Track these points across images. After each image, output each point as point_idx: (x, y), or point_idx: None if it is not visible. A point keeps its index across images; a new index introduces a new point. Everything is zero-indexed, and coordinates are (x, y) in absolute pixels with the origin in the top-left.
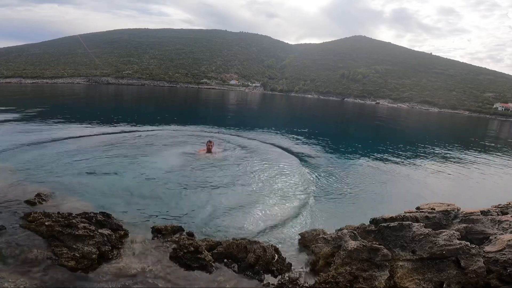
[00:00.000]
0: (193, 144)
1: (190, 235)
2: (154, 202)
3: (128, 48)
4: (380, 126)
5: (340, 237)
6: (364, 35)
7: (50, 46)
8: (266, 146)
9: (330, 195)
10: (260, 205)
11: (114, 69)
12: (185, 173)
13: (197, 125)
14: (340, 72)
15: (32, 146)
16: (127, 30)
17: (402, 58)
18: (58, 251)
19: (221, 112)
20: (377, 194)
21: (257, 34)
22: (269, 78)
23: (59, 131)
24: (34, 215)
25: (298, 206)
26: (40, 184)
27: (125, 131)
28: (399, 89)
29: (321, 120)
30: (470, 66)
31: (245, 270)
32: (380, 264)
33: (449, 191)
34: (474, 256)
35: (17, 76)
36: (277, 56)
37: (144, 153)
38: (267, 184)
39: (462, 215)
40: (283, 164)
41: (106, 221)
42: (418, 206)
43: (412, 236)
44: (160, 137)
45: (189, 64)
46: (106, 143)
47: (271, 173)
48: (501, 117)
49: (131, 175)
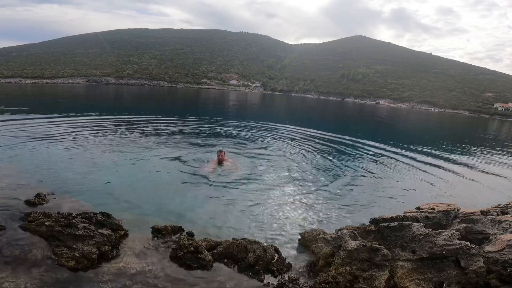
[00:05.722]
0: (196, 144)
1: (190, 235)
2: (154, 202)
3: (128, 48)
4: (380, 126)
5: (340, 237)
6: (364, 35)
7: (50, 46)
8: (267, 148)
9: (330, 195)
10: (260, 205)
11: (114, 69)
12: (185, 174)
13: (196, 126)
14: (340, 72)
15: (32, 146)
16: (127, 30)
17: (402, 58)
18: (58, 251)
19: (222, 112)
20: (377, 194)
21: (257, 34)
22: (269, 78)
23: (59, 131)
24: (34, 215)
25: (298, 206)
26: (40, 184)
27: (125, 131)
28: (399, 89)
29: (321, 120)
30: (470, 66)
31: (245, 270)
32: (380, 264)
33: (449, 191)
34: (474, 256)
35: (17, 76)
36: (277, 56)
37: (145, 154)
38: (267, 184)
39: (462, 215)
40: (283, 164)
41: (106, 221)
42: (418, 206)
43: (412, 236)
44: (161, 137)
45: (189, 64)
46: (107, 143)
47: (271, 173)
48: (501, 117)
49: (131, 175)
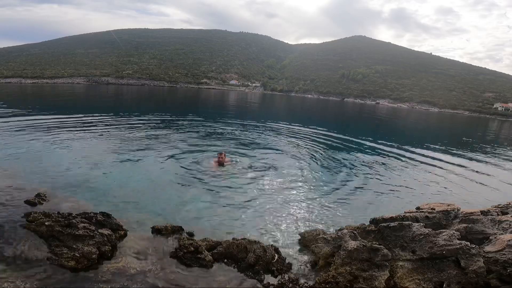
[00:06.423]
0: (195, 145)
1: (190, 235)
2: (154, 202)
3: (128, 48)
4: (380, 126)
5: (340, 237)
6: (364, 35)
7: (50, 46)
8: (267, 148)
9: (330, 195)
10: (260, 205)
11: (114, 69)
12: (185, 174)
13: (196, 126)
14: (340, 72)
15: (32, 146)
16: (127, 30)
17: (402, 58)
18: (58, 251)
19: (222, 112)
20: (377, 194)
21: (257, 34)
22: (269, 78)
23: (59, 131)
24: (34, 215)
25: (298, 206)
26: (40, 184)
27: (126, 131)
28: (399, 89)
29: (321, 120)
30: (470, 66)
31: (245, 270)
32: (380, 264)
33: (449, 191)
34: (474, 256)
35: (17, 76)
36: (277, 56)
37: (145, 154)
38: (267, 184)
39: (462, 215)
40: (283, 164)
41: (106, 221)
42: (418, 206)
43: (412, 236)
44: (161, 138)
45: (189, 64)
46: (107, 143)
47: (271, 174)
48: (501, 117)
49: (131, 175)
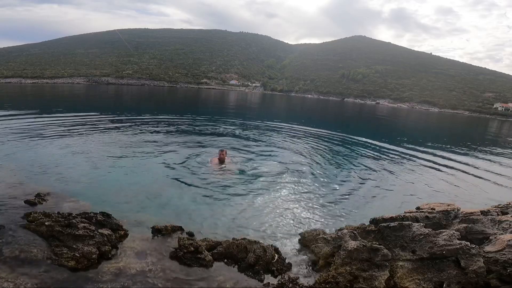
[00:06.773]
0: (195, 145)
1: (190, 235)
2: (154, 202)
3: (128, 48)
4: (380, 126)
5: (340, 237)
6: (364, 35)
7: (50, 46)
8: (267, 147)
9: (330, 195)
10: (260, 205)
11: (114, 69)
12: (186, 174)
13: (197, 125)
14: (340, 72)
15: (32, 145)
16: (127, 30)
17: (402, 58)
18: (58, 251)
19: (222, 112)
20: (377, 194)
21: (257, 34)
22: (269, 78)
23: (59, 131)
24: (34, 215)
25: (298, 206)
26: (40, 184)
27: (126, 131)
28: (399, 89)
29: (321, 120)
30: (470, 66)
31: (245, 270)
32: (380, 264)
33: (449, 191)
34: (474, 256)
35: (17, 76)
36: (277, 56)
37: (145, 153)
38: (267, 184)
39: (462, 215)
40: (283, 163)
41: (106, 221)
42: (418, 206)
43: (412, 236)
44: (161, 137)
45: (189, 64)
46: (107, 143)
47: (271, 173)
48: (501, 117)
49: (131, 175)
